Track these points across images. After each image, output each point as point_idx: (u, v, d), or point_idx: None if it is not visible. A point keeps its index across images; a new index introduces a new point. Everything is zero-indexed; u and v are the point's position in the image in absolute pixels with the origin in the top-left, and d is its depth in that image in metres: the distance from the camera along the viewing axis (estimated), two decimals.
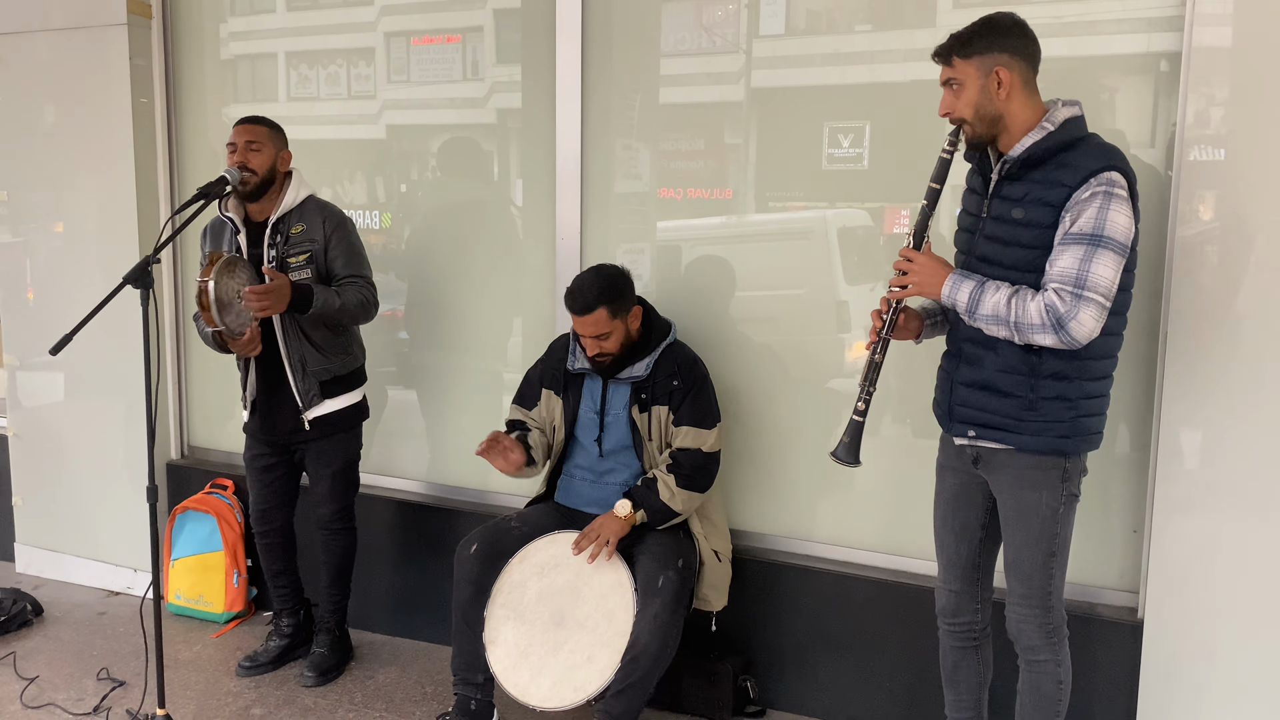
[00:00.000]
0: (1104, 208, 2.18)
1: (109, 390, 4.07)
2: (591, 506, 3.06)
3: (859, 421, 2.44)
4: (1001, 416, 2.36)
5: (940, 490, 2.60)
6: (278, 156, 3.24)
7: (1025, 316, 2.21)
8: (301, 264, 3.22)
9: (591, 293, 2.91)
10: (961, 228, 2.48)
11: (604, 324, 2.91)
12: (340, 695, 3.35)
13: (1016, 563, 2.42)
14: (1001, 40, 2.28)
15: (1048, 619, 2.41)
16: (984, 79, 2.28)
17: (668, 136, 3.38)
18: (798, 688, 3.22)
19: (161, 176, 4.04)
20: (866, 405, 2.42)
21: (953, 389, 2.46)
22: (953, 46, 2.30)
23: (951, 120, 2.34)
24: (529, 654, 2.88)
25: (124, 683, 3.40)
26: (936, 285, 2.33)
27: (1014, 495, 2.40)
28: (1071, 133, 2.28)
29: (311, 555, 3.51)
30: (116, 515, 4.10)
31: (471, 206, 3.75)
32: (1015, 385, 2.33)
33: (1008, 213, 2.31)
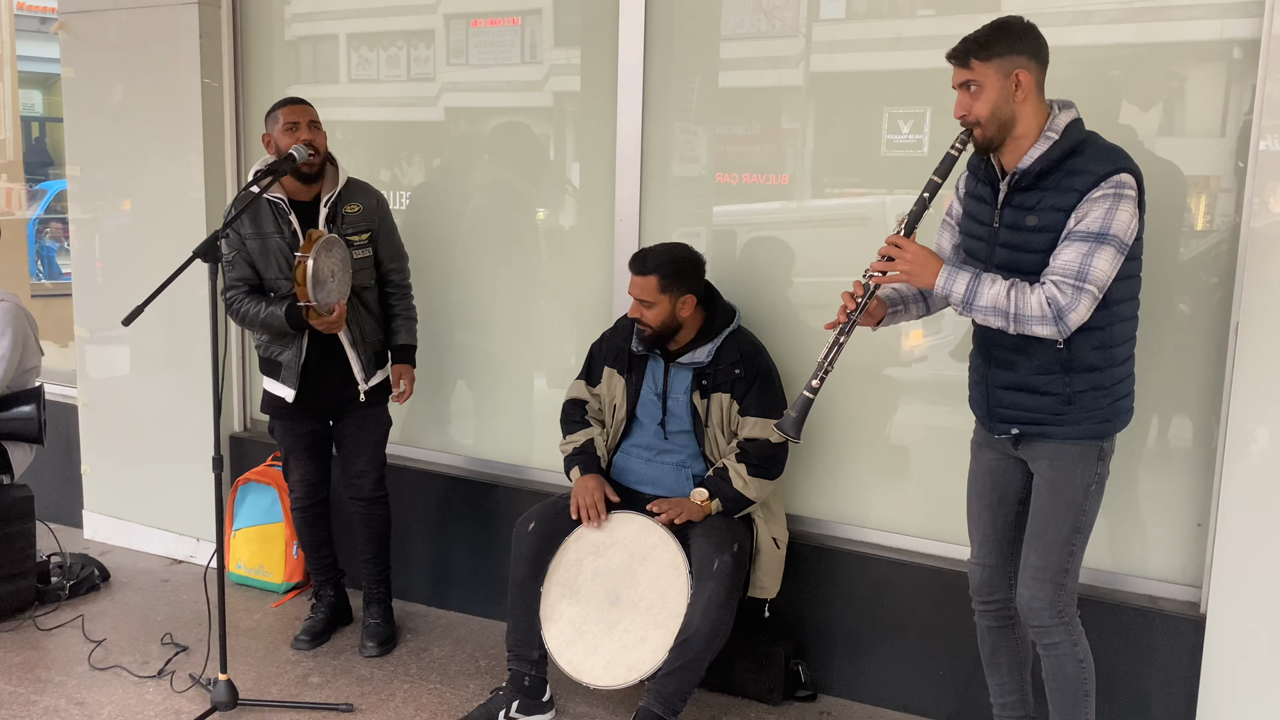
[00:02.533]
0: (1112, 208, 2.22)
1: (175, 363, 4.16)
2: (646, 485, 3.08)
3: (809, 398, 2.47)
4: (1042, 413, 2.40)
5: (976, 468, 2.63)
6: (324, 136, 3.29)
7: (1026, 308, 2.26)
8: (364, 243, 3.29)
9: (654, 259, 2.97)
10: (972, 236, 2.47)
11: (651, 292, 2.94)
12: (395, 667, 3.42)
13: (1041, 533, 2.43)
14: (1020, 43, 2.29)
15: (1059, 597, 2.42)
16: (1003, 81, 2.28)
17: (726, 120, 3.37)
18: (849, 673, 3.23)
19: (229, 155, 4.10)
20: (821, 384, 2.46)
21: (989, 391, 2.49)
22: (970, 49, 2.30)
23: (965, 123, 2.34)
24: (584, 632, 2.92)
25: (187, 648, 3.50)
26: (930, 274, 2.34)
27: (1051, 470, 2.43)
28: (1074, 137, 2.30)
29: (349, 529, 3.57)
30: (181, 485, 4.20)
31: (528, 189, 3.77)
32: (1051, 384, 2.37)
33: (1022, 221, 2.33)
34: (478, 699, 3.14)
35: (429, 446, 3.96)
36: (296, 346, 3.29)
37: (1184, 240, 2.80)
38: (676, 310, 2.97)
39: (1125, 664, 2.84)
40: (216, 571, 3.04)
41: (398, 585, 3.67)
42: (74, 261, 4.40)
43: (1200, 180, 2.79)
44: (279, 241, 3.21)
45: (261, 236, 3.24)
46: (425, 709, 3.15)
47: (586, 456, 3.09)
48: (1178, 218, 2.80)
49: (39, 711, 3.08)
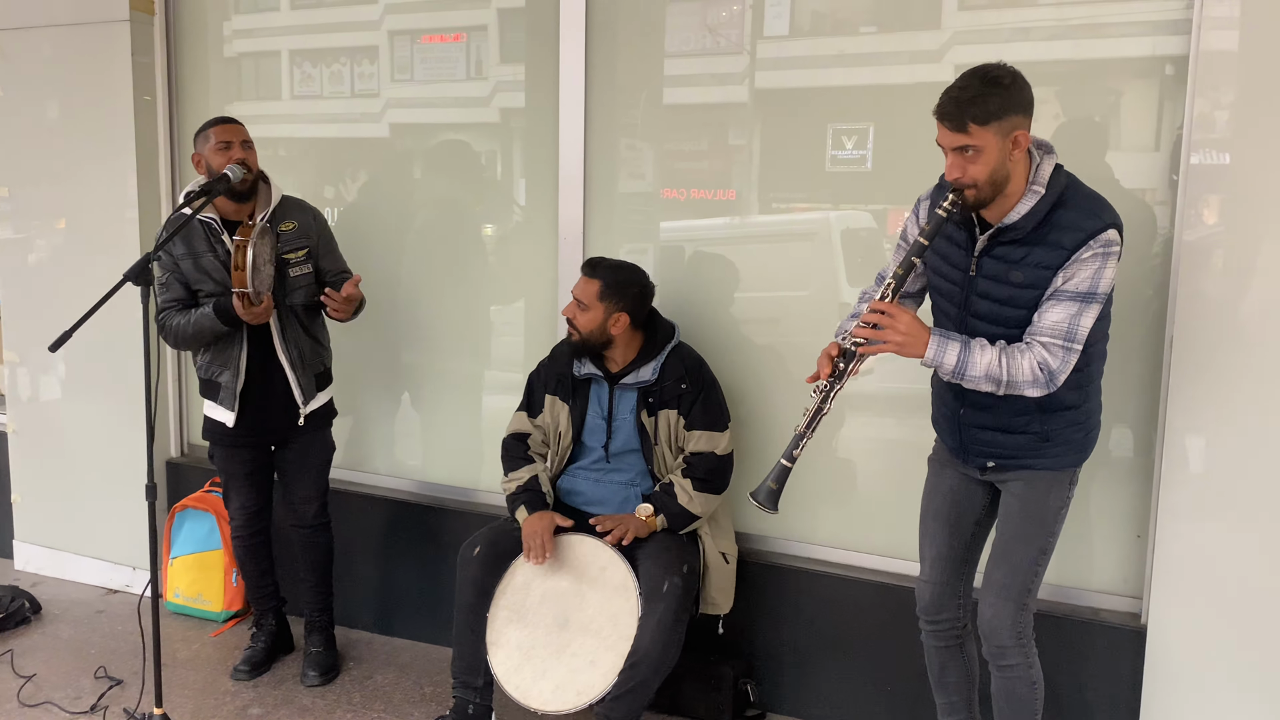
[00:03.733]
0: (1100, 268, 2.20)
1: (109, 388, 4.06)
2: (595, 506, 3.05)
3: (787, 468, 2.37)
4: (1019, 450, 2.39)
5: (936, 485, 2.60)
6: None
7: (1018, 374, 2.22)
8: (301, 259, 3.24)
9: (604, 266, 2.98)
10: (944, 278, 2.41)
11: (590, 297, 2.93)
12: (339, 695, 3.34)
13: (1008, 553, 2.42)
14: (1017, 99, 2.18)
15: (1020, 617, 2.41)
16: (1002, 142, 2.17)
17: (671, 137, 3.37)
18: (798, 692, 3.21)
19: (163, 175, 4.03)
20: (801, 452, 2.36)
21: (961, 429, 2.46)
22: (967, 112, 2.16)
23: (959, 184, 2.22)
24: (532, 656, 2.87)
25: (121, 681, 3.39)
26: (920, 346, 2.24)
27: (1024, 491, 2.42)
28: (1059, 188, 2.24)
29: (290, 556, 3.49)
30: (116, 513, 4.09)
31: (473, 206, 3.74)
32: (1029, 424, 2.36)
33: (1005, 274, 2.28)
34: None
35: (373, 470, 3.89)
36: (235, 367, 3.22)
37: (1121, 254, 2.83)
38: (608, 323, 2.95)
39: (1069, 676, 2.85)
40: (151, 601, 2.94)
41: (341, 612, 3.60)
42: (3, 283, 4.28)
43: (1136, 194, 2.83)
44: (212, 260, 3.15)
45: (194, 256, 3.17)
46: None
47: (531, 494, 3.02)
48: None
49: None
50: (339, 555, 3.51)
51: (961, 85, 2.19)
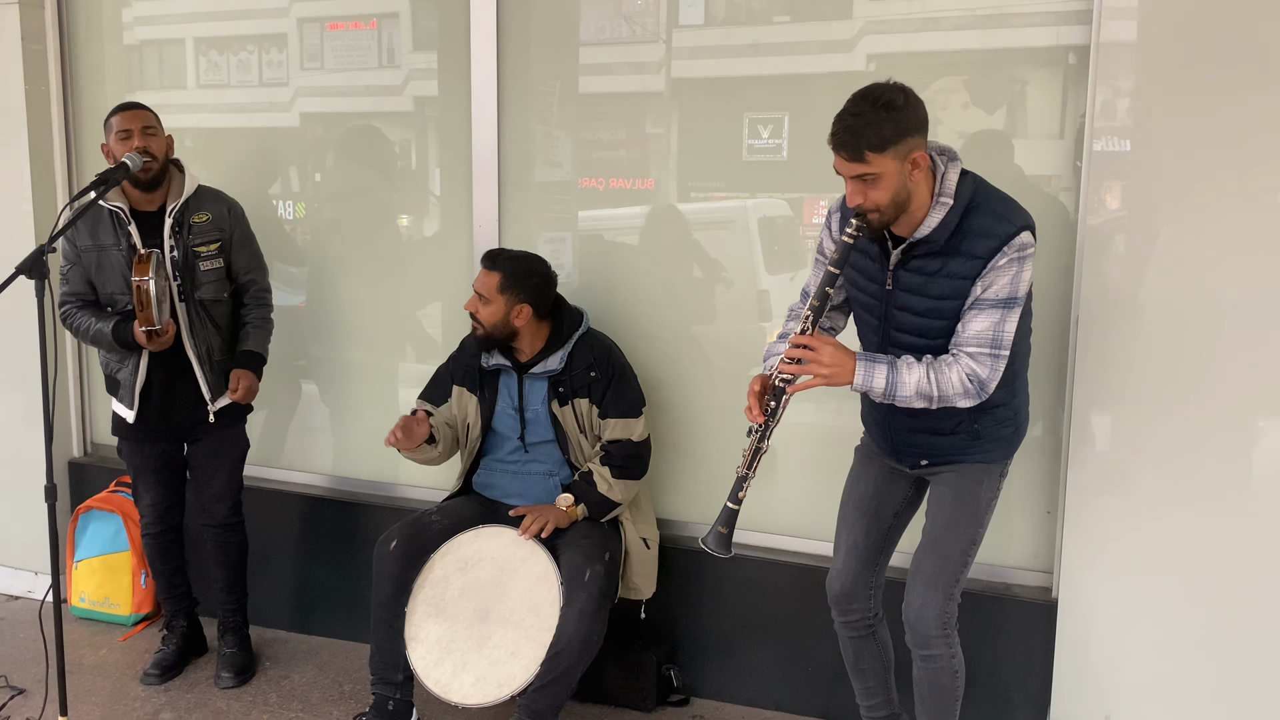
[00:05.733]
0: (1018, 274, 2.21)
1: (7, 385, 3.89)
2: (512, 497, 3.03)
3: (734, 510, 2.36)
4: (951, 449, 2.42)
5: (861, 475, 2.62)
6: (167, 143, 3.14)
7: (948, 387, 2.22)
8: (212, 253, 3.14)
9: (503, 259, 2.96)
10: (863, 292, 2.40)
11: (490, 290, 2.91)
12: (255, 696, 3.26)
13: (938, 542, 2.44)
14: (911, 121, 2.15)
15: (946, 607, 2.43)
16: (901, 165, 2.16)
17: (588, 126, 3.35)
18: (722, 675, 3.23)
19: (58, 165, 3.88)
20: (745, 494, 2.35)
21: (891, 433, 2.48)
22: (862, 142, 2.13)
23: (861, 210, 2.20)
24: (451, 650, 2.83)
25: (24, 690, 3.27)
26: (848, 374, 2.23)
27: (955, 482, 2.45)
28: (966, 194, 2.22)
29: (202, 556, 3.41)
30: (15, 516, 3.93)
31: (387, 196, 3.67)
32: (959, 425, 2.39)
33: (921, 288, 2.28)
34: None
35: (286, 465, 3.81)
36: (133, 364, 3.12)
37: None
38: (510, 315, 2.92)
39: (982, 650, 2.91)
40: (53, 606, 2.83)
41: (255, 611, 3.51)
42: None
43: (1043, 180, 2.90)
44: (117, 255, 3.06)
45: (100, 249, 3.07)
46: None
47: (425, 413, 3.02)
48: None
49: None
50: (253, 553, 3.42)
51: (855, 112, 2.15)
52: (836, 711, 3.09)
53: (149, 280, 2.90)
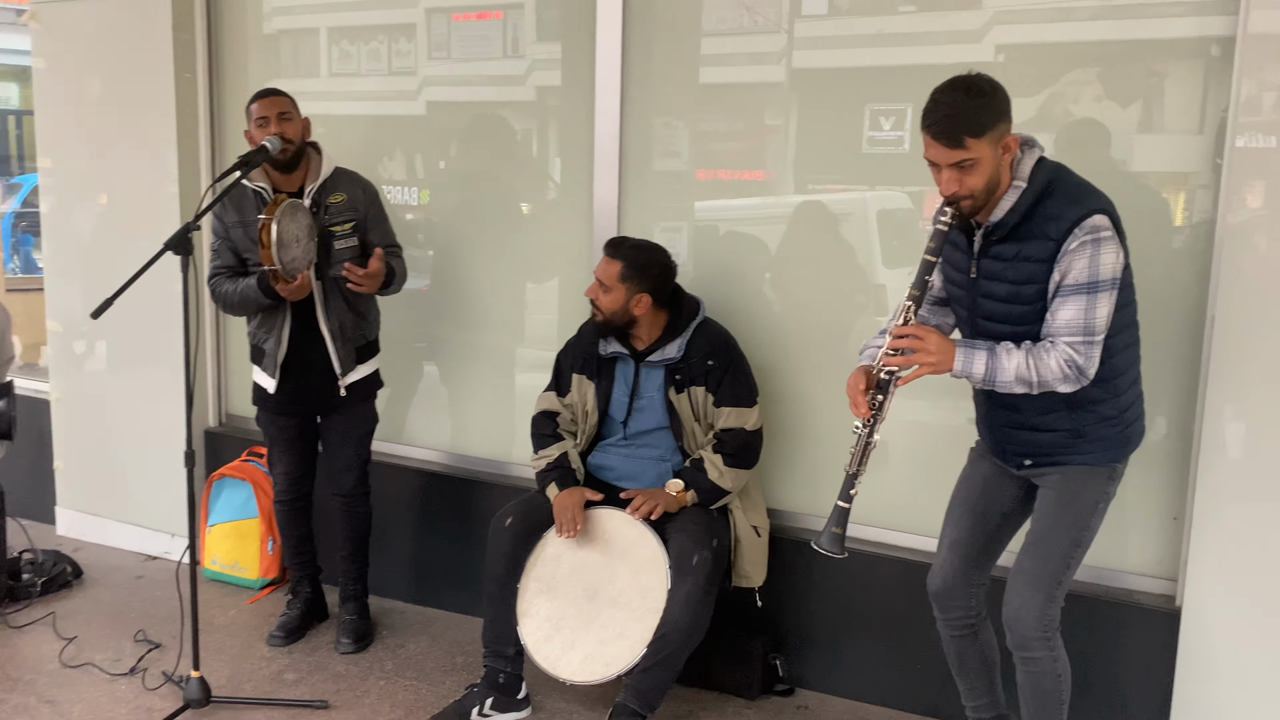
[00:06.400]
0: (1094, 256, 2.18)
1: (150, 358, 4.12)
2: (625, 480, 3.08)
3: (845, 509, 2.36)
4: (1053, 447, 2.39)
5: (971, 473, 2.61)
6: (304, 126, 3.27)
7: (1047, 373, 2.22)
8: (347, 233, 3.27)
9: (626, 247, 2.99)
10: (952, 283, 2.44)
11: (611, 278, 2.95)
12: (371, 663, 3.39)
13: (1040, 542, 2.41)
14: (1001, 106, 2.22)
15: (1047, 610, 2.39)
16: (994, 150, 2.20)
17: (707, 116, 3.37)
18: (828, 668, 3.23)
19: (203, 149, 4.08)
20: (856, 493, 2.35)
21: (994, 430, 2.48)
22: (961, 128, 2.18)
23: (956, 197, 2.23)
24: (561, 627, 2.90)
25: (160, 645, 3.46)
26: (950, 361, 2.25)
27: (1057, 487, 2.41)
28: (1042, 180, 2.25)
29: (328, 525, 3.55)
30: (154, 481, 4.17)
31: (509, 184, 3.76)
32: (1057, 421, 2.36)
33: (1003, 273, 2.30)
34: (454, 695, 3.12)
35: (408, 442, 3.94)
36: (277, 336, 3.27)
37: (1161, 237, 2.81)
38: (630, 304, 2.96)
39: (1101, 658, 2.85)
40: (189, 568, 3.01)
41: (374, 581, 3.64)
42: (46, 255, 4.35)
43: (1179, 177, 2.81)
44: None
45: (245, 225, 3.23)
46: (400, 706, 3.12)
47: (562, 471, 3.05)
48: (1156, 215, 2.81)
49: (8, 710, 3.04)
50: (374, 525, 3.55)
51: (949, 101, 2.20)
52: (945, 710, 3.05)
53: (272, 221, 3.01)
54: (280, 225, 3.02)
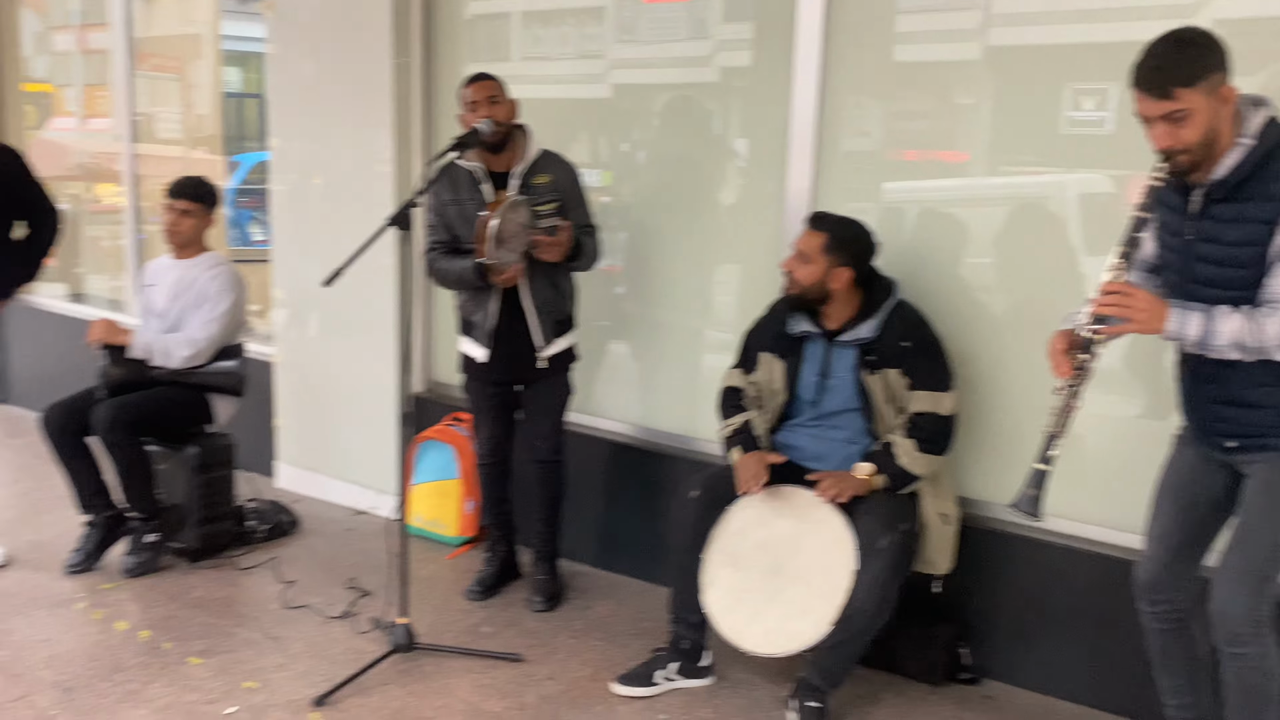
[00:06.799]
0: None
1: (361, 326, 4.41)
2: (812, 460, 3.10)
3: (1043, 472, 2.33)
4: (1260, 426, 2.29)
5: (1176, 462, 2.52)
6: (512, 109, 3.41)
7: (1264, 338, 2.14)
8: (551, 213, 3.41)
9: (831, 220, 2.99)
10: (1166, 247, 2.36)
11: (814, 249, 2.95)
12: (561, 622, 3.56)
13: (1248, 534, 2.32)
14: (1216, 55, 2.15)
15: (1257, 604, 2.29)
16: (1209, 100, 2.13)
17: (899, 95, 3.34)
18: (1016, 660, 3.18)
19: (416, 132, 4.29)
20: (1056, 453, 2.31)
21: (1198, 407, 2.39)
22: (1170, 78, 2.13)
23: (1171, 152, 2.18)
24: (744, 599, 2.97)
25: (369, 593, 3.73)
26: (1160, 321, 2.19)
27: (1268, 472, 2.31)
28: (1272, 137, 2.15)
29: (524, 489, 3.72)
30: (364, 440, 4.48)
31: (694, 165, 3.82)
32: (1264, 397, 2.26)
33: (1222, 235, 2.21)
34: (639, 658, 3.25)
35: (599, 413, 4.08)
36: (485, 310, 3.46)
37: None
38: (828, 278, 2.96)
39: None
40: (399, 522, 3.24)
41: (565, 545, 3.81)
42: (273, 229, 4.72)
43: None
44: (472, 208, 3.37)
45: (459, 203, 3.42)
46: (589, 664, 3.28)
47: (745, 436, 3.11)
48: None
49: (238, 642, 3.36)
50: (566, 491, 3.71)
51: (1156, 53, 2.16)
52: (1139, 712, 2.97)
53: (492, 217, 3.17)
54: (501, 221, 3.18)
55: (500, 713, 2.98)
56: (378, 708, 2.98)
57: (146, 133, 5.82)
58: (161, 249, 4.17)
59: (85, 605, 3.59)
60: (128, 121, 5.70)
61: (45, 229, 3.91)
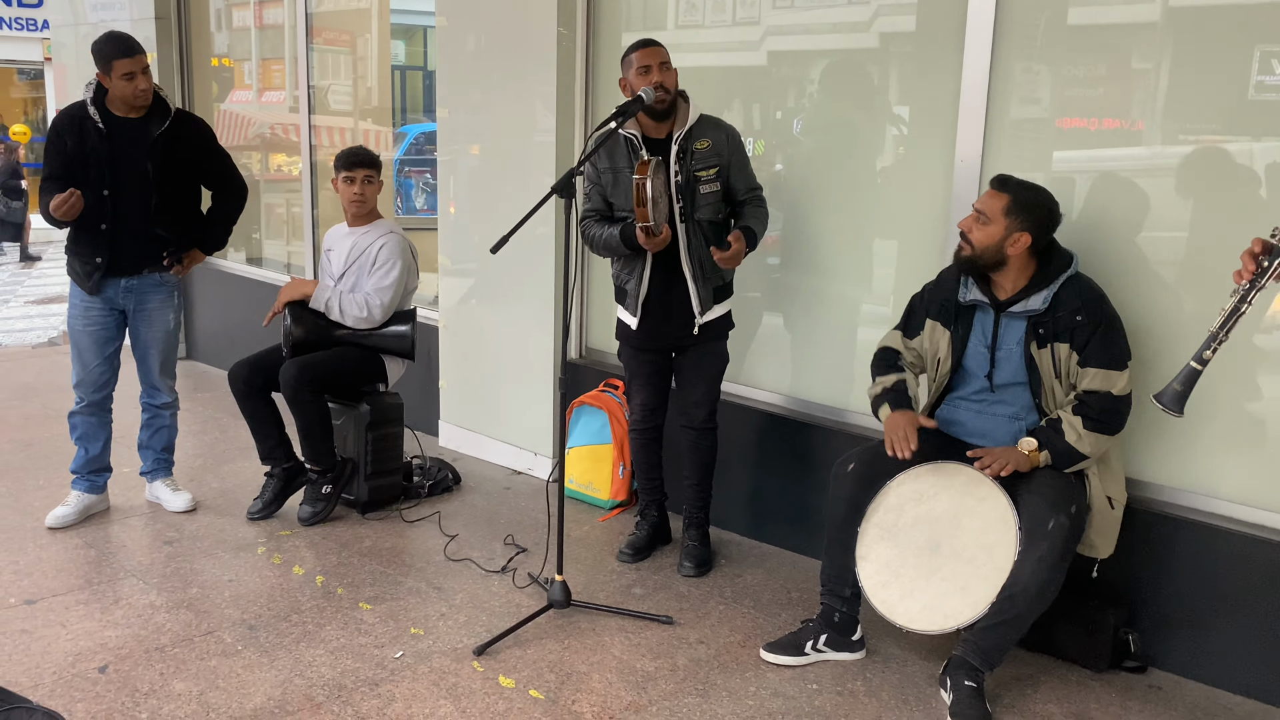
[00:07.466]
0: None
1: (519, 293, 4.54)
2: (975, 437, 3.04)
3: (1197, 370, 2.28)
4: None
5: None
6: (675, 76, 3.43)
7: None
8: (711, 178, 3.44)
9: (1016, 183, 2.91)
10: None
11: (996, 210, 2.87)
12: (710, 589, 3.61)
13: None
14: None
15: None
16: None
17: (1072, 60, 3.20)
18: (1185, 649, 3.05)
19: (578, 101, 4.37)
20: (1213, 354, 2.26)
21: None
22: None
23: None
24: (900, 574, 2.94)
25: (526, 549, 3.86)
26: None
27: None
28: None
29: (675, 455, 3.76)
30: (522, 403, 4.62)
31: (852, 133, 3.76)
32: None
33: None
34: (789, 627, 3.27)
35: (752, 383, 4.09)
36: (639, 276, 3.51)
37: None
38: (1006, 242, 2.86)
39: None
40: (558, 484, 3.34)
41: (715, 512, 3.84)
42: (440, 198, 4.90)
43: None
44: (629, 176, 3.42)
45: (615, 171, 3.48)
46: (739, 630, 3.32)
47: (896, 394, 3.07)
48: None
49: (404, 591, 3.53)
50: (718, 458, 3.74)
51: None
52: None
53: (647, 180, 3.20)
54: (653, 183, 3.22)
55: (652, 672, 3.05)
56: (534, 660, 3.09)
57: (320, 104, 6.11)
58: (334, 217, 4.39)
59: (265, 550, 3.84)
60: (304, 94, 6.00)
61: (231, 199, 4.15)
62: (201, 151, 4.02)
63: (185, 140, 3.93)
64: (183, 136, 3.91)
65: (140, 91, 3.76)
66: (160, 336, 4.04)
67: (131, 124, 3.83)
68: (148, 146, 3.81)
